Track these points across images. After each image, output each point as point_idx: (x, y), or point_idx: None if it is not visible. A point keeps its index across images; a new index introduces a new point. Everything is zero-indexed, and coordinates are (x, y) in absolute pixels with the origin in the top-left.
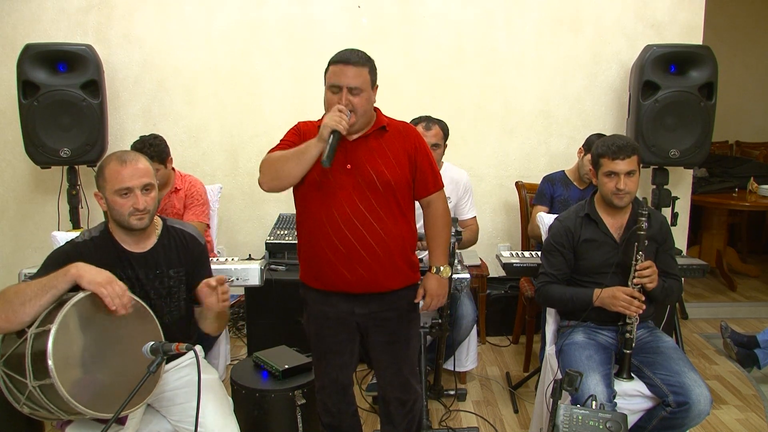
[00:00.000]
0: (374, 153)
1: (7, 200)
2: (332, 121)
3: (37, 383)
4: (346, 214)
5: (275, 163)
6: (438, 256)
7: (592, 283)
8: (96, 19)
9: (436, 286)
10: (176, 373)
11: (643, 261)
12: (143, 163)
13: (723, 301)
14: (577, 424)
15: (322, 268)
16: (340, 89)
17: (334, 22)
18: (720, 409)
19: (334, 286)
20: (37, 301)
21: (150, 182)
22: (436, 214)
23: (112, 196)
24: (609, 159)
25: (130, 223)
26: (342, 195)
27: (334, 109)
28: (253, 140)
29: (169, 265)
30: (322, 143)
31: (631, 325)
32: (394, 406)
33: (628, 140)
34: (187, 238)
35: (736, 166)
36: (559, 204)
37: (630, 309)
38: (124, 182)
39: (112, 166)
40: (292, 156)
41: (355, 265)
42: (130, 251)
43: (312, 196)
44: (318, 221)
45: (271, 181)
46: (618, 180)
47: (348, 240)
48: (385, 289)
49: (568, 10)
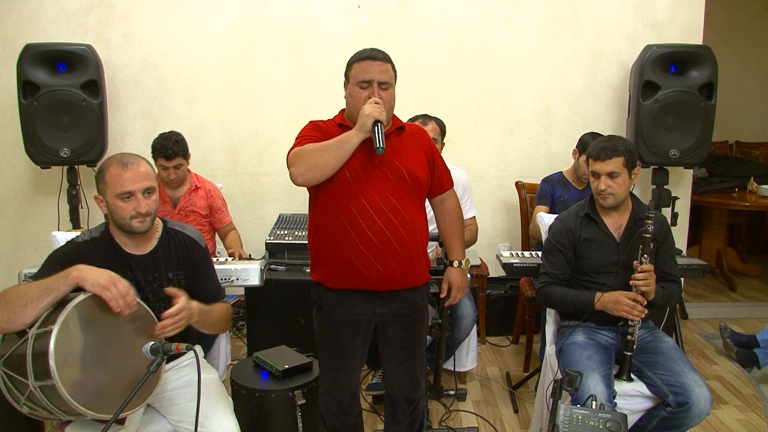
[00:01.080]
0: (398, 150)
1: (7, 200)
2: (375, 111)
3: (38, 384)
4: (379, 206)
5: (312, 154)
6: (457, 250)
7: (593, 283)
8: (96, 19)
9: (460, 279)
10: (176, 373)
11: (647, 263)
12: (144, 166)
13: (723, 301)
14: (577, 424)
15: (352, 264)
16: (370, 84)
17: (334, 22)
18: (720, 409)
19: (363, 283)
20: (39, 302)
21: (151, 185)
22: (451, 210)
23: (113, 199)
24: (593, 159)
25: (132, 226)
26: (373, 189)
27: (371, 101)
28: (253, 140)
29: (168, 268)
30: (364, 133)
31: (633, 327)
32: (402, 405)
33: (615, 142)
34: (187, 241)
35: (736, 166)
36: (560, 205)
37: (633, 314)
38: (125, 186)
39: (113, 170)
40: (332, 146)
41: (388, 258)
42: (130, 254)
43: (341, 192)
44: (349, 216)
45: (306, 171)
46: (599, 181)
47: (382, 232)
48: (411, 284)
49: (567, 10)
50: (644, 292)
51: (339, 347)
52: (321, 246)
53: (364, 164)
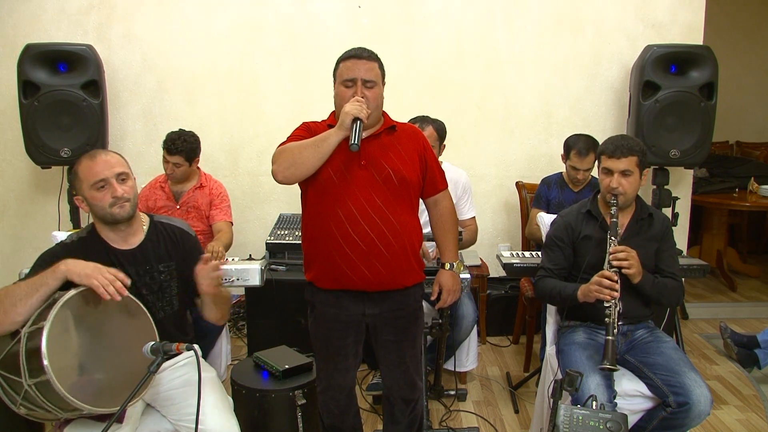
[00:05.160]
0: (387, 150)
1: (8, 200)
2: (354, 109)
3: (32, 381)
4: (364, 208)
5: (292, 151)
6: (449, 253)
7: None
8: (96, 19)
9: (451, 282)
10: (173, 372)
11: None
12: (113, 156)
13: (723, 301)
14: (577, 424)
15: (338, 266)
16: (354, 83)
17: (334, 22)
18: (720, 409)
19: (351, 284)
20: (28, 300)
21: (124, 171)
22: (444, 212)
23: (90, 192)
24: (606, 156)
25: (113, 214)
26: (359, 190)
27: (353, 99)
28: (253, 140)
29: (158, 260)
30: (343, 131)
31: (609, 308)
32: (400, 406)
33: (629, 141)
34: (176, 232)
35: (736, 167)
36: (555, 207)
37: (602, 291)
38: (98, 175)
39: (84, 164)
40: (311, 144)
41: (373, 261)
42: (117, 249)
43: (327, 193)
44: (335, 218)
45: (286, 169)
46: (612, 178)
47: (367, 235)
48: (400, 285)
49: (568, 10)
50: (628, 274)
51: (332, 347)
52: (311, 246)
53: (350, 164)
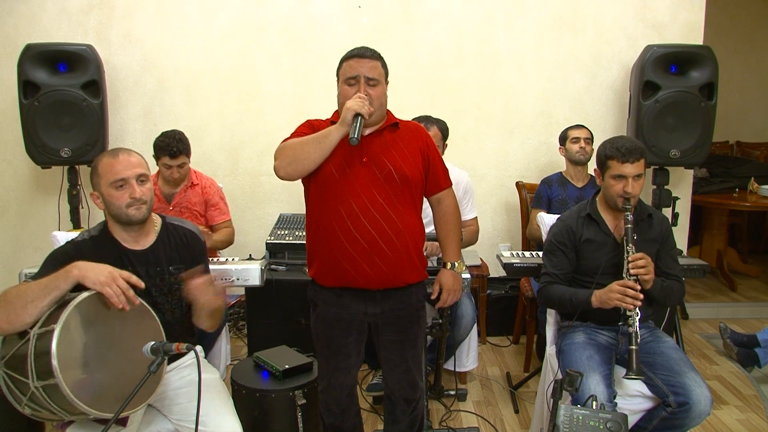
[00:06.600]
0: (389, 147)
1: (8, 200)
2: (356, 105)
3: (40, 383)
4: (365, 205)
5: (294, 147)
6: (451, 252)
7: (593, 284)
8: (96, 20)
9: (452, 282)
10: (178, 374)
11: (634, 253)
12: (135, 156)
13: (723, 301)
14: (577, 424)
15: (339, 263)
16: (357, 81)
17: (334, 22)
18: (720, 409)
19: (352, 281)
20: (39, 302)
21: (144, 173)
22: (447, 210)
23: (108, 189)
24: (618, 162)
25: (128, 214)
26: (360, 187)
27: (356, 95)
28: (253, 140)
29: (169, 262)
30: (345, 127)
31: (632, 318)
32: (401, 405)
33: (636, 143)
34: (187, 235)
35: (736, 167)
36: (557, 205)
37: (625, 300)
38: (118, 174)
39: (105, 161)
40: (313, 140)
41: (375, 258)
42: (129, 249)
43: (329, 190)
44: (336, 215)
45: (288, 165)
46: (626, 183)
47: (368, 232)
48: (402, 283)
49: (568, 10)
50: (644, 280)
51: (333, 346)
52: (314, 242)
53: (351, 161)
